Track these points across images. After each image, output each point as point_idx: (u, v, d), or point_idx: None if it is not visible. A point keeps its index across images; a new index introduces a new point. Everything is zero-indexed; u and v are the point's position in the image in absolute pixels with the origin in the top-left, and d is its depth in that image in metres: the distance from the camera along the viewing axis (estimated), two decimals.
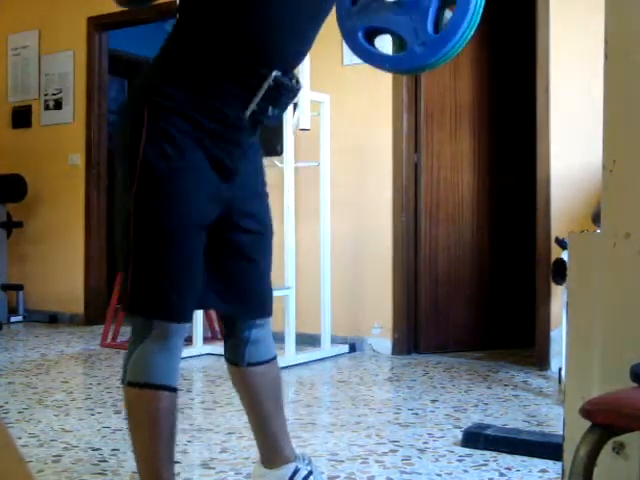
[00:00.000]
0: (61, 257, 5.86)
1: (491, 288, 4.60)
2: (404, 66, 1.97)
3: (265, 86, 1.67)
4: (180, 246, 1.66)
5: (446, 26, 1.83)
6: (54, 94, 5.89)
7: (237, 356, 1.89)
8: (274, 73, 1.67)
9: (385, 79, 4.41)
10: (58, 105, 5.86)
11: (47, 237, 5.93)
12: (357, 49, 1.93)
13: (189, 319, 1.72)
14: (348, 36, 1.93)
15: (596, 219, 3.06)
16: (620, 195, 1.37)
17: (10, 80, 6.14)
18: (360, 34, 1.91)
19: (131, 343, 1.71)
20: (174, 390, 1.70)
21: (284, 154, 4.13)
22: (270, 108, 1.72)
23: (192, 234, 1.68)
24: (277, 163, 4.24)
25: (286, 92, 1.73)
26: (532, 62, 4.05)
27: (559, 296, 3.79)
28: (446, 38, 1.83)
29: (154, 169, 1.64)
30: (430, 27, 1.82)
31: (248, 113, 1.69)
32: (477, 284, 4.58)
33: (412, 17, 1.83)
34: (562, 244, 3.39)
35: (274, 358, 1.94)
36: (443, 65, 1.86)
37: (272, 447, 1.93)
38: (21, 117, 6.05)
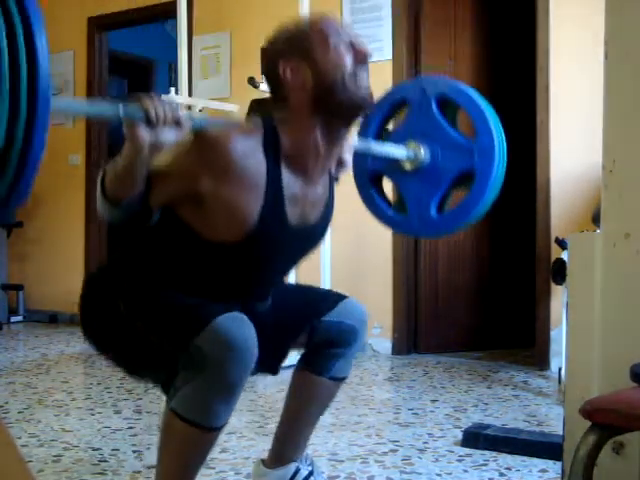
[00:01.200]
0: (61, 257, 5.86)
1: (491, 288, 4.60)
2: (398, 230, 2.02)
3: None
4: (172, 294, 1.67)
5: (449, 210, 1.85)
6: (54, 94, 5.87)
7: (323, 366, 1.87)
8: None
9: (385, 79, 4.40)
10: None
11: (47, 237, 5.93)
12: (362, 188, 1.95)
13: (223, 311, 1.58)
14: (357, 168, 1.94)
15: (596, 219, 3.06)
16: (620, 195, 1.37)
17: None
18: (368, 174, 1.92)
19: (187, 369, 1.56)
20: (221, 428, 1.61)
21: None
22: None
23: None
24: None
25: None
26: (532, 62, 4.05)
27: (559, 296, 3.79)
28: (443, 225, 1.86)
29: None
30: (434, 207, 1.83)
31: None
32: (477, 284, 4.58)
33: (422, 186, 1.84)
34: (562, 244, 3.39)
35: (346, 378, 1.96)
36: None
37: (286, 448, 1.95)
38: None
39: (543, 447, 2.43)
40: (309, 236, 1.76)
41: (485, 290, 4.59)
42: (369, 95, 1.63)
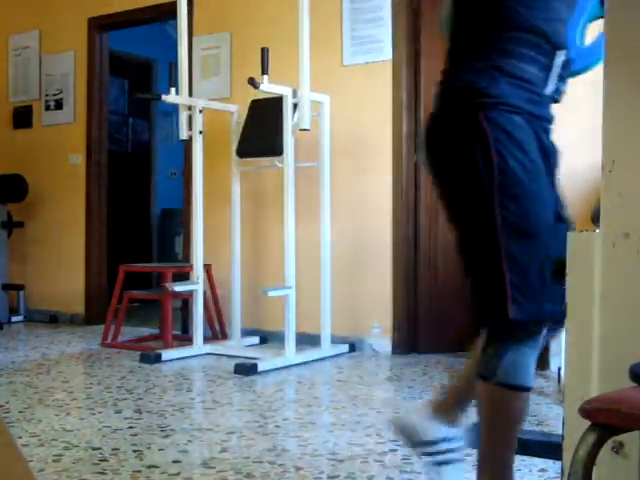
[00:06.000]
0: (61, 257, 5.86)
1: None
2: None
3: (559, 63, 1.78)
4: (541, 248, 1.69)
5: (591, 43, 1.96)
6: (55, 94, 5.89)
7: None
8: (561, 51, 1.77)
9: (385, 79, 4.41)
10: (59, 105, 5.86)
11: (48, 237, 5.94)
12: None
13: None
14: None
15: (595, 219, 3.06)
16: (619, 195, 1.37)
17: (11, 80, 6.14)
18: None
19: (501, 341, 1.75)
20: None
21: (284, 154, 4.13)
22: (561, 84, 1.82)
23: (549, 234, 1.71)
24: (277, 163, 4.24)
25: (568, 67, 1.83)
26: None
27: None
28: (589, 55, 1.95)
29: (512, 174, 1.68)
30: (579, 38, 1.94)
31: (548, 91, 1.78)
32: None
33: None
34: None
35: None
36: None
37: (453, 407, 2.00)
38: (22, 117, 6.06)
39: (543, 447, 2.43)
40: None
41: None
42: None
